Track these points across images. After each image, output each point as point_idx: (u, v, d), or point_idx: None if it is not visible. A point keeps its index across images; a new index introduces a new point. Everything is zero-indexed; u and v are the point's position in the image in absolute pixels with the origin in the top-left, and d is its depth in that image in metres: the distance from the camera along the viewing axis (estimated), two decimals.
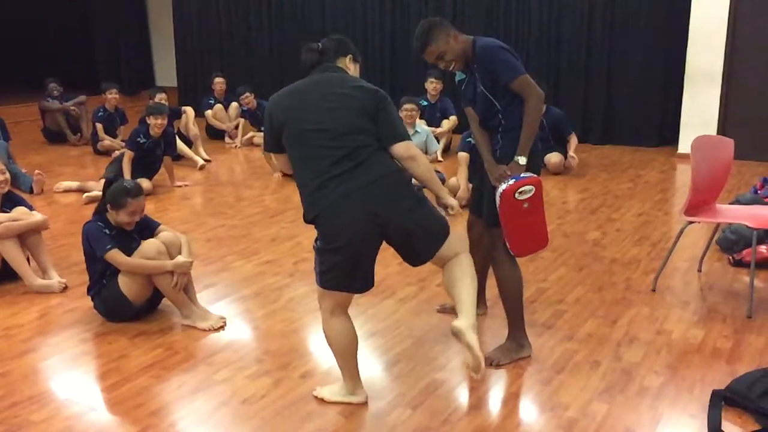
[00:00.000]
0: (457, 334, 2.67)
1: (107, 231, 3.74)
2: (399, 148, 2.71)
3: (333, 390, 2.98)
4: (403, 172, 2.74)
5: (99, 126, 8.55)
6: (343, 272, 2.69)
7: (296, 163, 2.72)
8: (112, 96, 8.64)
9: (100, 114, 8.59)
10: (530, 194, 3.08)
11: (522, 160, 3.11)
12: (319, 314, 3.82)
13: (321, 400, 2.96)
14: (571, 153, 7.12)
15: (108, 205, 3.76)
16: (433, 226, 2.76)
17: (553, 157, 7.09)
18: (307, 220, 2.70)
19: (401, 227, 2.68)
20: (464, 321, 2.66)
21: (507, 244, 3.18)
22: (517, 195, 3.06)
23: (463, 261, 2.82)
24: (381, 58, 10.26)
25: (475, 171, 3.46)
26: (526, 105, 3.11)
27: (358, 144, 2.62)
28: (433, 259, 2.82)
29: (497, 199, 3.09)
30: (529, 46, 9.16)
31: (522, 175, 3.08)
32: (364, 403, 2.92)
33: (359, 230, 2.61)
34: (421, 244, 2.75)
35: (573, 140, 7.21)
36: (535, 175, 3.14)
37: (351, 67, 2.87)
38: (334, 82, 2.75)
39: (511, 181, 3.06)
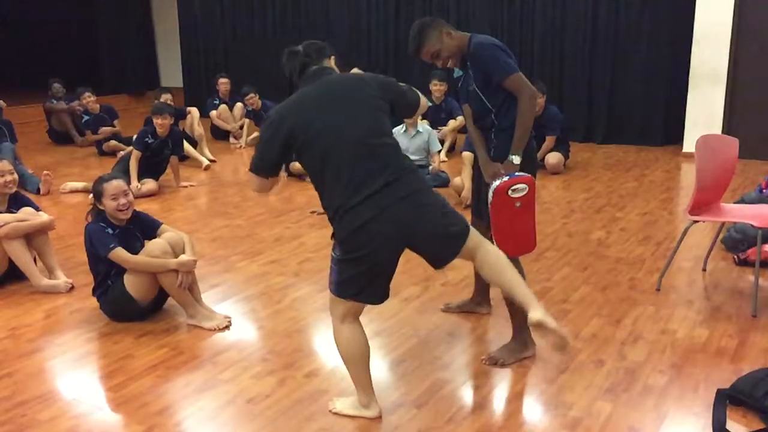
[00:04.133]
0: (537, 326, 2.58)
1: (110, 230, 3.75)
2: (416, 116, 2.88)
3: (346, 403, 2.89)
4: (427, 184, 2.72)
5: (88, 132, 8.81)
6: (362, 282, 2.64)
7: (327, 179, 2.61)
8: (89, 100, 8.74)
9: (85, 119, 8.76)
10: (524, 193, 3.06)
11: (516, 159, 3.11)
12: (324, 314, 3.86)
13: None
14: (540, 153, 6.84)
15: (96, 203, 3.79)
16: (453, 230, 2.66)
17: (551, 158, 7.08)
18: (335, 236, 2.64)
19: (428, 237, 2.62)
20: (536, 312, 2.57)
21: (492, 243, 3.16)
22: (510, 192, 3.04)
23: (491, 253, 2.70)
24: (384, 59, 10.27)
25: (476, 172, 3.45)
26: (519, 103, 3.10)
27: (392, 165, 2.58)
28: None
29: (489, 194, 3.08)
30: (533, 45, 9.18)
31: (516, 173, 3.08)
32: (378, 418, 2.82)
33: (386, 244, 2.57)
34: (444, 248, 2.68)
35: (548, 142, 7.03)
36: (530, 175, 3.13)
37: (336, 69, 2.80)
38: (344, 85, 2.70)
39: (506, 178, 3.05)
